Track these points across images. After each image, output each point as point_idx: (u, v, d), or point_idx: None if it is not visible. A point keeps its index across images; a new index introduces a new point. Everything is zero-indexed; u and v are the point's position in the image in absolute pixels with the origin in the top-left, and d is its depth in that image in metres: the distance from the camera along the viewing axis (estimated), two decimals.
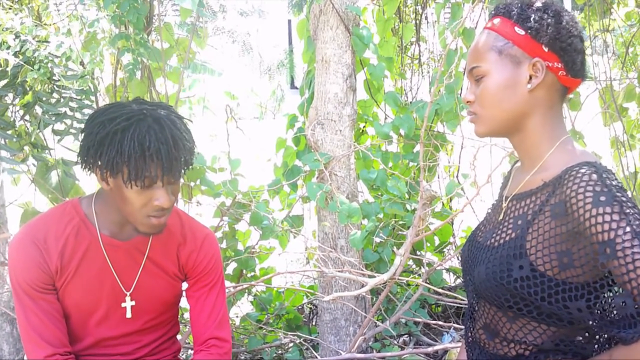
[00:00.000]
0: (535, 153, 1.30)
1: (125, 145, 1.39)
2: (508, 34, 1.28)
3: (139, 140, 1.39)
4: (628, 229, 1.11)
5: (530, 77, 1.27)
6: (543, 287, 1.20)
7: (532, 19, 1.26)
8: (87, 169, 1.50)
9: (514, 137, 1.33)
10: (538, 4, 1.29)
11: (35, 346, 1.52)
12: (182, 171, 1.47)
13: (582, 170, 1.18)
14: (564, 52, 1.26)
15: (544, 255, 1.21)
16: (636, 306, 1.11)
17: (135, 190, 1.43)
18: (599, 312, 1.19)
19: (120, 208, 1.50)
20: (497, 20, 1.31)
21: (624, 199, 1.15)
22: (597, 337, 1.26)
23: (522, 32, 1.27)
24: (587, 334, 1.27)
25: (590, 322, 1.20)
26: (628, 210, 1.13)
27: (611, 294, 1.19)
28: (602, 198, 1.14)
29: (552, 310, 1.22)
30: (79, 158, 1.50)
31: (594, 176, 1.17)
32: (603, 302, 1.19)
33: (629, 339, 1.11)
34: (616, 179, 1.19)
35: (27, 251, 1.52)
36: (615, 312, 1.16)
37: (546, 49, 1.26)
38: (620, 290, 1.15)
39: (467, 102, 1.34)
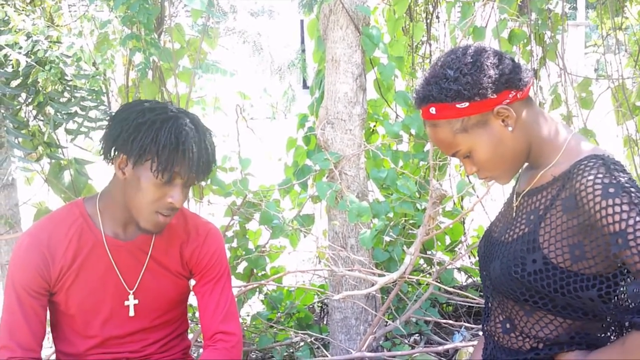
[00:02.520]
0: (546, 157, 1.32)
1: (162, 135, 1.42)
2: (457, 114, 1.26)
3: (175, 134, 1.43)
4: (638, 218, 1.14)
5: (504, 121, 1.27)
6: (556, 279, 1.23)
7: (461, 90, 1.24)
8: (109, 155, 1.51)
9: (528, 159, 1.36)
10: (449, 72, 1.25)
11: (1, 346, 1.53)
12: (201, 177, 1.50)
13: (590, 164, 1.21)
14: (508, 82, 1.26)
15: (556, 248, 1.23)
16: None
17: (156, 182, 1.45)
18: (613, 301, 1.21)
19: (128, 201, 1.51)
20: (433, 109, 1.28)
21: (632, 189, 1.17)
22: (613, 328, 1.28)
23: (466, 104, 1.25)
24: (602, 326, 1.29)
25: (605, 312, 1.22)
26: (637, 200, 1.16)
27: (624, 283, 1.21)
28: (611, 190, 1.16)
29: (566, 301, 1.24)
30: (103, 143, 1.51)
31: (602, 169, 1.19)
32: (617, 291, 1.21)
33: None
34: (624, 170, 1.21)
35: (29, 253, 1.54)
36: (629, 300, 1.17)
37: (494, 96, 1.25)
38: (633, 278, 1.17)
39: (473, 173, 1.35)
